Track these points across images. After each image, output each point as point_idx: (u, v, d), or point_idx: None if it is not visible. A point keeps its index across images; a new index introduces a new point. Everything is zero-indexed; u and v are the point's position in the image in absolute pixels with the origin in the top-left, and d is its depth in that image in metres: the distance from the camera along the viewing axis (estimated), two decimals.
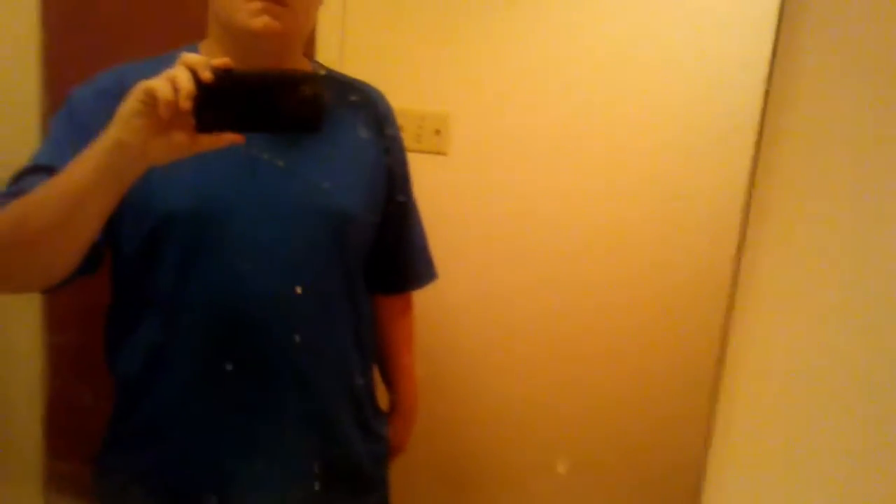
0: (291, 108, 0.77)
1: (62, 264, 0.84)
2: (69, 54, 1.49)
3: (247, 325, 0.96)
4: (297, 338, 0.98)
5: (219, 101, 0.75)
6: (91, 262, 0.89)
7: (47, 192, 0.80)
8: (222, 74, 0.75)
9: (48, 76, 1.50)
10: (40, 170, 0.88)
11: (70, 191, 0.77)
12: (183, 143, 0.75)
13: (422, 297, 1.29)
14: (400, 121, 1.17)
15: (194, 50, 1.00)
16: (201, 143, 0.76)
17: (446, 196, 1.61)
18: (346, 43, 1.55)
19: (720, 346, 0.61)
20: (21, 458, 1.58)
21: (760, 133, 0.57)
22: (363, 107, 1.10)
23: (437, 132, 1.58)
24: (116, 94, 0.75)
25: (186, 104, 0.71)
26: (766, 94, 0.57)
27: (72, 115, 0.93)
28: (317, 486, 1.04)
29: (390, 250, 1.17)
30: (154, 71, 0.74)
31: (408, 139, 1.53)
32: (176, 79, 0.72)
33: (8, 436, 1.57)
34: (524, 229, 1.63)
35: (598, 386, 1.70)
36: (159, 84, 0.72)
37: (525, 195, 1.61)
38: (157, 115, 0.72)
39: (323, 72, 1.09)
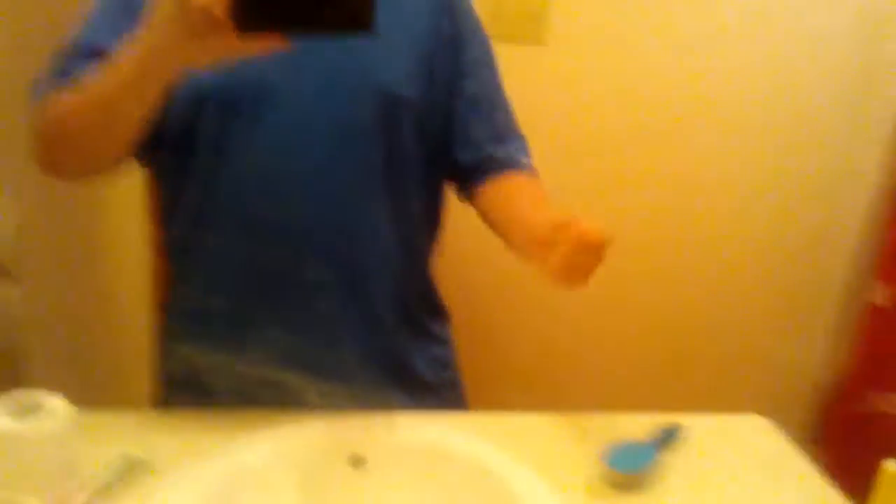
0: (340, 5, 0.72)
1: (110, 157, 0.91)
2: None
3: (286, 214, 0.94)
4: (339, 239, 0.97)
5: (259, 1, 0.71)
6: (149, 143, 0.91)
7: (86, 93, 0.83)
8: None
9: None
10: (85, 50, 0.89)
11: (105, 94, 0.81)
12: (219, 48, 0.74)
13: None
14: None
15: None
16: (241, 48, 0.73)
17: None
18: None
19: None
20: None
21: None
22: None
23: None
24: None
25: (219, 9, 0.69)
26: None
27: None
28: (365, 384, 1.00)
29: (469, 134, 1.06)
30: None
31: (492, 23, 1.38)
32: None
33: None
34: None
35: None
36: None
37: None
38: (192, 20, 0.71)
39: None
